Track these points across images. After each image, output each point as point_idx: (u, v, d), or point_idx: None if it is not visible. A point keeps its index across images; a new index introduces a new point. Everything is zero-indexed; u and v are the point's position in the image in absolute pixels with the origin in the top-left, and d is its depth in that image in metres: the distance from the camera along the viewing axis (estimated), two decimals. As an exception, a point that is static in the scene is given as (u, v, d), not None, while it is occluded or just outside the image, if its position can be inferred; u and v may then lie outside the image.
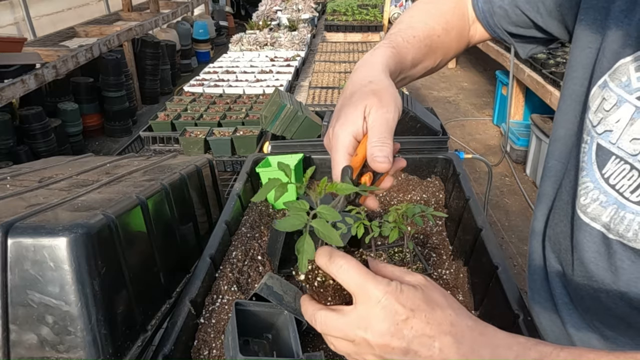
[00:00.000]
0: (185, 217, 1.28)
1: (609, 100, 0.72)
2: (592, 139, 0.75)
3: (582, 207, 0.76)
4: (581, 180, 0.76)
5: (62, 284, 0.81)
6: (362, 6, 5.82)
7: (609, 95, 0.72)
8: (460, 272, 1.20)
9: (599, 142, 0.73)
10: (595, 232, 0.74)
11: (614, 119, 0.71)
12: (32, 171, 1.29)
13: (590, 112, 0.76)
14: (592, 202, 0.74)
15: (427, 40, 0.92)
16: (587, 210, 0.75)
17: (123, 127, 5.59)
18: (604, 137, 0.73)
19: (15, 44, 4.27)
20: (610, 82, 0.72)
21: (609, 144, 0.72)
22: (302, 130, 1.97)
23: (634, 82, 0.69)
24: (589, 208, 0.75)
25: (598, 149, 0.74)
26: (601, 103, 0.73)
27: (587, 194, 0.75)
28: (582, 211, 0.76)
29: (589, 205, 0.75)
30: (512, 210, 4.03)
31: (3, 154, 4.08)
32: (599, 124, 0.73)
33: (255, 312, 0.97)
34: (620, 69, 0.71)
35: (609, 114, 0.72)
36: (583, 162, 0.76)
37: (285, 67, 3.96)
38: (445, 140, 1.81)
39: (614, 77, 0.72)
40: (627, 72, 0.70)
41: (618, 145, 0.71)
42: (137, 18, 6.70)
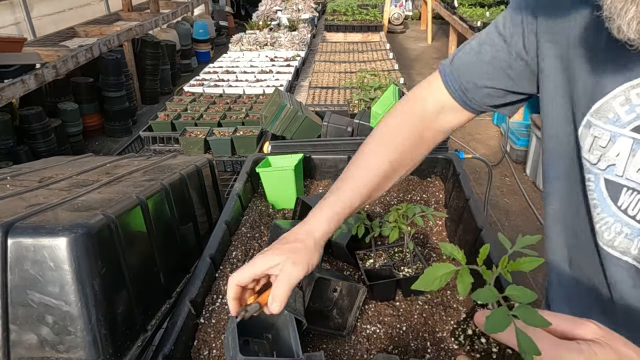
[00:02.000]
0: (185, 217, 1.28)
1: (602, 137, 0.73)
2: (596, 176, 0.75)
3: (609, 242, 0.76)
4: (597, 217, 0.76)
5: (62, 284, 0.81)
6: (362, 6, 5.82)
7: (600, 132, 0.73)
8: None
9: (606, 177, 0.74)
10: (628, 266, 0.74)
11: (614, 153, 0.72)
12: (32, 171, 1.29)
13: (584, 151, 0.76)
14: (616, 235, 0.74)
15: (378, 179, 0.96)
16: (615, 244, 0.75)
17: (123, 127, 5.59)
18: (609, 172, 0.73)
19: (15, 44, 4.27)
20: (597, 120, 0.73)
21: (616, 177, 0.73)
22: (302, 130, 1.97)
23: (622, 117, 0.70)
24: (615, 242, 0.75)
25: (607, 184, 0.74)
26: (594, 141, 0.74)
27: (609, 229, 0.75)
28: (609, 246, 0.76)
29: (614, 239, 0.75)
30: (512, 210, 4.03)
31: (3, 154, 4.08)
32: (600, 161, 0.74)
33: (255, 312, 0.97)
34: (604, 107, 0.72)
35: (606, 150, 0.73)
36: (593, 199, 0.76)
37: (285, 67, 3.96)
38: (445, 140, 1.81)
39: (599, 115, 0.73)
40: (612, 109, 0.71)
41: (626, 177, 0.72)
42: (137, 18, 6.70)
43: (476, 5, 7.81)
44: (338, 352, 1.01)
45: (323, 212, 0.90)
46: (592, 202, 0.77)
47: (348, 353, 1.01)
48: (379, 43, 4.82)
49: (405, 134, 0.98)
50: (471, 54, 0.94)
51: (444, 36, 9.52)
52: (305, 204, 1.36)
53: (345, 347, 1.03)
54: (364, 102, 2.23)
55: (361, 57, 4.26)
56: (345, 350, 1.02)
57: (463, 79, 0.95)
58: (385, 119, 1.01)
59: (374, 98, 2.19)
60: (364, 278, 1.13)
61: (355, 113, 2.05)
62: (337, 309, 1.11)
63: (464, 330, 0.72)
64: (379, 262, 1.19)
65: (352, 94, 2.55)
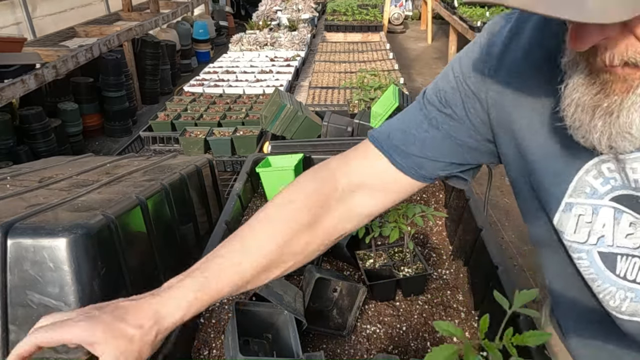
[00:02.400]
0: (185, 217, 1.28)
1: (586, 213, 0.72)
2: (589, 252, 0.74)
3: (616, 309, 0.75)
4: (599, 288, 0.75)
5: (61, 284, 0.81)
6: (362, 6, 5.82)
7: (583, 209, 0.73)
8: (460, 272, 1.20)
9: (599, 250, 0.73)
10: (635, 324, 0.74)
11: (600, 225, 0.72)
12: (32, 171, 1.29)
13: (567, 235, 0.75)
14: (622, 302, 0.74)
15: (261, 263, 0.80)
16: (622, 310, 0.75)
17: (123, 127, 5.59)
18: (600, 245, 0.73)
19: (15, 44, 4.27)
20: (576, 198, 0.73)
21: (608, 247, 0.72)
22: (302, 130, 1.97)
23: (599, 189, 0.70)
24: (622, 307, 0.75)
25: (601, 257, 0.73)
26: (579, 219, 0.73)
27: (613, 297, 0.75)
28: (617, 312, 0.75)
29: (621, 305, 0.75)
30: (512, 210, 4.02)
31: (3, 154, 4.08)
32: (590, 237, 0.73)
33: (255, 312, 0.97)
34: (580, 183, 0.72)
35: (593, 224, 0.72)
36: (591, 274, 0.75)
37: (285, 67, 3.96)
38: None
39: (577, 192, 0.72)
40: (588, 183, 0.71)
41: (616, 245, 0.72)
42: (137, 18, 6.69)
43: (476, 5, 7.81)
44: (338, 352, 1.01)
45: (186, 292, 0.72)
46: (589, 277, 0.76)
47: (348, 353, 1.01)
48: (379, 43, 4.82)
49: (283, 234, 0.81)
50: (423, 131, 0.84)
51: (444, 36, 9.52)
52: (305, 204, 1.36)
53: (345, 347, 1.03)
54: (364, 102, 2.23)
55: (361, 57, 4.26)
56: (345, 350, 1.02)
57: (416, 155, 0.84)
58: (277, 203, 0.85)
59: (374, 98, 2.19)
60: (364, 278, 1.13)
61: (355, 113, 2.05)
62: (337, 309, 1.11)
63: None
64: (379, 262, 1.19)
65: (352, 94, 2.55)
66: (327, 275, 1.09)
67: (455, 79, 0.81)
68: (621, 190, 0.69)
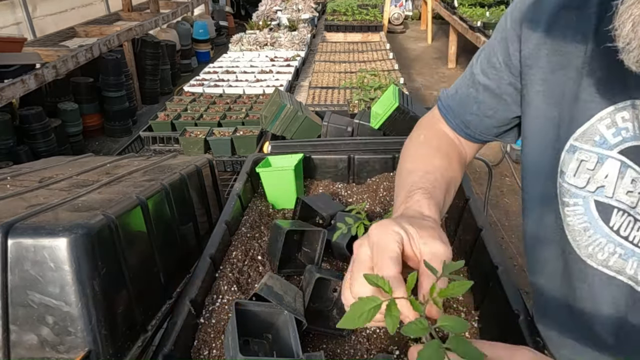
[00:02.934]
0: (185, 217, 1.28)
1: (589, 160, 0.73)
2: (585, 199, 0.75)
3: (603, 262, 0.75)
4: (589, 239, 0.76)
5: (62, 284, 0.81)
6: (362, 6, 5.82)
7: (587, 156, 0.73)
8: (460, 272, 1.20)
9: (596, 199, 0.74)
10: (622, 284, 0.75)
11: (602, 175, 0.72)
12: (32, 171, 1.30)
13: (567, 176, 0.76)
14: (610, 255, 0.74)
15: (446, 183, 0.88)
16: (609, 264, 0.75)
17: (123, 127, 5.59)
18: (598, 194, 0.74)
19: (15, 44, 4.27)
20: (582, 144, 0.73)
21: (606, 198, 0.73)
22: (302, 130, 1.97)
23: (609, 139, 0.71)
24: (609, 262, 0.75)
25: (597, 206, 0.74)
26: (580, 165, 0.74)
27: (602, 250, 0.75)
28: (603, 266, 0.75)
29: (608, 259, 0.75)
30: (512, 210, 4.02)
31: (3, 154, 4.08)
32: (589, 184, 0.74)
33: (255, 312, 0.97)
34: (590, 130, 0.72)
35: (594, 172, 0.73)
36: (584, 222, 0.76)
37: (285, 67, 3.96)
38: (445, 140, 1.81)
39: (585, 139, 0.73)
40: (599, 132, 0.71)
41: (615, 198, 0.72)
42: (137, 18, 6.70)
43: (476, 5, 7.81)
44: (338, 352, 1.01)
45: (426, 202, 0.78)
46: (581, 225, 0.76)
47: (348, 353, 1.01)
48: (379, 43, 4.82)
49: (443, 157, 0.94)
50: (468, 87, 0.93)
51: (444, 36, 9.52)
52: (305, 204, 1.36)
53: (345, 347, 1.03)
54: (364, 102, 2.23)
55: (361, 57, 4.26)
56: (345, 350, 1.02)
57: (464, 114, 0.94)
58: (413, 148, 0.98)
59: (374, 98, 2.19)
60: (364, 278, 1.13)
61: (355, 113, 2.05)
62: (337, 309, 1.11)
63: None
64: (379, 262, 1.19)
65: (352, 94, 2.55)
66: (327, 275, 1.09)
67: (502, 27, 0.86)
68: (632, 142, 0.69)
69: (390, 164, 1.66)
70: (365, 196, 1.56)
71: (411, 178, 0.84)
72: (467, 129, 0.95)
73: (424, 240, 0.63)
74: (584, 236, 0.76)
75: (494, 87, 0.88)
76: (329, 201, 1.44)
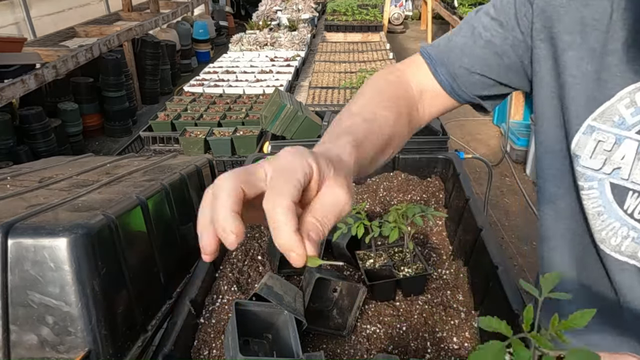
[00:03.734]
0: (185, 217, 1.28)
1: (606, 140, 0.72)
2: (601, 181, 0.74)
3: (615, 248, 0.75)
4: (603, 224, 0.75)
5: (62, 284, 0.81)
6: (362, 6, 5.82)
7: (604, 136, 0.72)
8: (460, 272, 1.20)
9: (611, 181, 0.73)
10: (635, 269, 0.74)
11: (619, 156, 0.71)
12: (32, 171, 1.30)
13: (583, 160, 0.75)
14: (623, 240, 0.74)
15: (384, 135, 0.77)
16: (622, 249, 0.74)
17: (123, 127, 5.59)
18: (614, 176, 0.72)
19: (15, 44, 4.27)
20: (600, 124, 0.72)
21: (621, 180, 0.72)
22: (302, 130, 1.97)
23: (628, 119, 0.70)
24: (622, 246, 0.74)
25: (613, 188, 0.73)
26: (597, 145, 0.73)
27: (615, 234, 0.74)
28: (616, 251, 0.75)
29: (621, 244, 0.74)
30: (512, 210, 4.02)
31: (3, 154, 4.08)
32: (605, 165, 0.73)
33: (255, 312, 0.97)
34: (609, 110, 0.71)
35: (611, 153, 0.72)
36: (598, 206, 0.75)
37: (285, 67, 3.96)
38: (445, 140, 1.81)
39: (603, 119, 0.72)
40: (618, 112, 0.70)
41: (631, 180, 0.71)
42: (137, 18, 6.69)
43: (476, 5, 7.81)
44: (338, 352, 1.01)
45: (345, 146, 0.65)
46: (595, 210, 0.76)
47: (348, 353, 1.01)
48: (379, 43, 4.82)
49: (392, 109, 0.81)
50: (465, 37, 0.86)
51: (444, 36, 9.51)
52: (305, 204, 1.36)
53: (345, 347, 1.03)
54: (364, 102, 2.22)
55: (361, 57, 4.26)
56: (345, 350, 1.02)
57: (454, 64, 0.87)
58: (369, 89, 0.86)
59: (374, 98, 2.18)
60: (364, 278, 1.13)
61: (355, 113, 2.05)
62: (337, 309, 1.11)
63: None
64: (379, 262, 1.19)
65: (352, 94, 2.55)
66: (327, 275, 1.09)
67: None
68: None
69: (390, 164, 1.66)
70: (365, 196, 1.56)
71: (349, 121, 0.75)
72: (454, 81, 0.87)
73: (329, 183, 0.55)
74: (598, 220, 0.76)
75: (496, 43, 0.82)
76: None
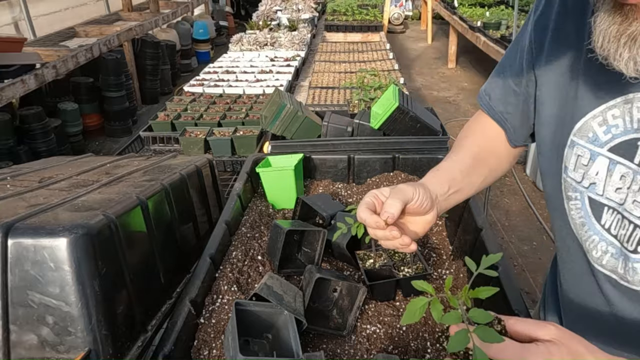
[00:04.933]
0: (185, 217, 1.28)
1: (583, 156, 0.77)
2: (582, 194, 0.79)
3: (597, 261, 0.79)
4: (586, 235, 0.80)
5: (62, 284, 0.81)
6: (362, 6, 5.82)
7: (582, 151, 0.77)
8: (460, 272, 1.20)
9: (589, 195, 0.77)
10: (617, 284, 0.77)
11: (594, 172, 0.76)
12: (32, 171, 1.30)
13: (569, 171, 0.80)
14: (603, 254, 0.78)
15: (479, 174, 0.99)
16: (603, 263, 0.78)
17: (123, 127, 5.59)
18: (591, 190, 0.77)
19: (15, 44, 4.27)
20: (579, 140, 0.77)
21: (597, 196, 0.76)
22: (302, 130, 1.97)
23: (600, 136, 0.74)
24: (603, 260, 0.78)
25: (591, 202, 0.78)
26: (577, 160, 0.78)
27: (596, 247, 0.78)
28: (598, 264, 0.79)
29: (602, 257, 0.78)
30: (512, 210, 4.02)
31: (3, 154, 4.08)
32: (583, 179, 0.78)
33: (255, 312, 0.97)
34: (584, 127, 0.76)
35: (588, 168, 0.77)
36: (581, 217, 0.80)
37: (285, 67, 3.96)
38: (445, 141, 1.81)
39: (580, 134, 0.77)
40: (592, 129, 0.75)
41: (606, 196, 0.75)
42: (137, 18, 6.70)
43: (476, 5, 7.81)
44: (338, 352, 1.01)
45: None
46: (580, 221, 0.80)
47: (348, 353, 1.01)
48: (379, 43, 4.82)
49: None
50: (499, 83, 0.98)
51: (444, 36, 9.52)
52: (305, 204, 1.36)
53: (345, 347, 1.03)
54: (364, 102, 2.23)
55: (361, 57, 4.26)
56: (345, 350, 1.02)
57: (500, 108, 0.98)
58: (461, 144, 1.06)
59: (374, 98, 2.19)
60: (364, 278, 1.13)
61: (355, 113, 2.05)
62: (337, 309, 1.11)
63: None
64: (379, 262, 1.19)
65: (352, 94, 2.55)
66: (327, 275, 1.09)
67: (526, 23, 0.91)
68: (621, 137, 0.72)
69: (390, 164, 1.66)
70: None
71: (448, 163, 1.00)
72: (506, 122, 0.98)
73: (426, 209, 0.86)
74: (582, 231, 0.80)
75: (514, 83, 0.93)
76: (329, 201, 1.44)
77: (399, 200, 0.82)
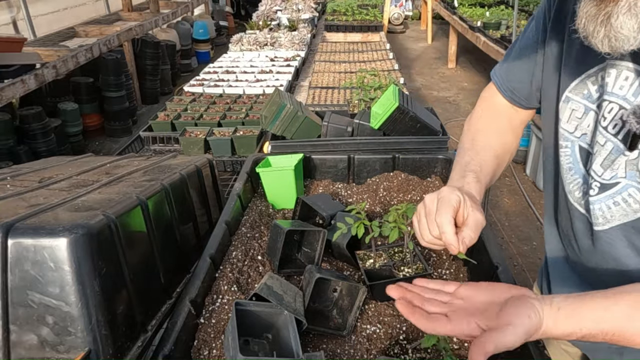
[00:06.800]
0: (185, 217, 1.28)
1: (578, 110, 0.88)
2: (573, 143, 0.89)
3: (578, 200, 0.89)
4: (571, 177, 0.90)
5: (62, 284, 0.81)
6: (362, 6, 5.82)
7: (577, 106, 0.87)
8: (460, 272, 1.20)
9: (580, 144, 0.88)
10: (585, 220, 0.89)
11: (586, 124, 0.86)
12: (32, 171, 1.30)
13: (562, 122, 0.90)
14: (584, 195, 0.88)
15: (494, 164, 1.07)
16: (582, 202, 0.89)
17: (123, 127, 5.59)
18: (582, 140, 0.88)
19: (15, 44, 4.27)
20: (574, 95, 0.87)
21: (586, 145, 0.87)
22: (302, 130, 1.97)
23: (593, 94, 0.85)
24: (582, 200, 0.89)
25: (580, 150, 0.88)
26: (572, 113, 0.89)
27: (579, 188, 0.89)
28: (578, 203, 0.91)
29: (582, 198, 0.89)
30: (512, 210, 4.02)
31: (3, 154, 4.08)
32: (576, 130, 0.89)
33: (255, 312, 0.97)
34: (580, 84, 0.86)
35: (581, 121, 0.87)
36: (569, 163, 0.90)
37: (285, 67, 3.96)
38: (445, 141, 1.81)
39: (576, 91, 0.87)
40: (587, 86, 0.86)
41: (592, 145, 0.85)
42: (137, 18, 6.70)
43: (476, 5, 7.81)
44: (338, 352, 1.01)
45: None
46: (567, 165, 0.91)
47: (348, 353, 1.01)
48: (379, 43, 4.82)
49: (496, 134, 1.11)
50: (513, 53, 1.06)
51: (444, 36, 9.52)
52: (305, 204, 1.36)
53: (345, 347, 1.03)
54: (364, 102, 2.23)
55: (361, 57, 4.26)
56: (345, 350, 1.02)
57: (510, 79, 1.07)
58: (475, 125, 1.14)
59: (374, 98, 2.18)
60: (364, 278, 1.13)
61: (355, 113, 2.05)
62: (337, 309, 1.11)
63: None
64: (379, 262, 1.19)
65: (352, 94, 2.55)
66: (327, 275, 1.09)
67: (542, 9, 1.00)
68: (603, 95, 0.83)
69: (390, 163, 1.66)
70: (365, 196, 1.56)
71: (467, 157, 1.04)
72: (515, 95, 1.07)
73: (472, 209, 0.88)
74: (568, 174, 0.91)
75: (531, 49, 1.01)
76: (329, 201, 1.44)
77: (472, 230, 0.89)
